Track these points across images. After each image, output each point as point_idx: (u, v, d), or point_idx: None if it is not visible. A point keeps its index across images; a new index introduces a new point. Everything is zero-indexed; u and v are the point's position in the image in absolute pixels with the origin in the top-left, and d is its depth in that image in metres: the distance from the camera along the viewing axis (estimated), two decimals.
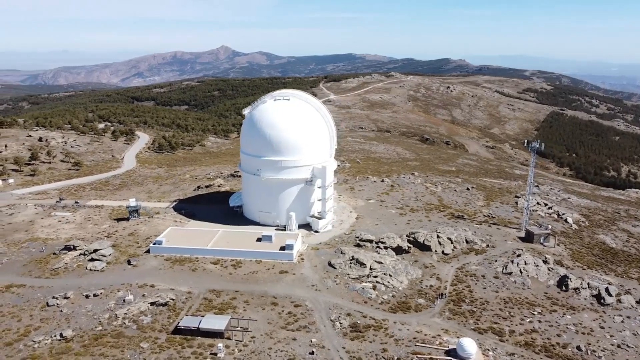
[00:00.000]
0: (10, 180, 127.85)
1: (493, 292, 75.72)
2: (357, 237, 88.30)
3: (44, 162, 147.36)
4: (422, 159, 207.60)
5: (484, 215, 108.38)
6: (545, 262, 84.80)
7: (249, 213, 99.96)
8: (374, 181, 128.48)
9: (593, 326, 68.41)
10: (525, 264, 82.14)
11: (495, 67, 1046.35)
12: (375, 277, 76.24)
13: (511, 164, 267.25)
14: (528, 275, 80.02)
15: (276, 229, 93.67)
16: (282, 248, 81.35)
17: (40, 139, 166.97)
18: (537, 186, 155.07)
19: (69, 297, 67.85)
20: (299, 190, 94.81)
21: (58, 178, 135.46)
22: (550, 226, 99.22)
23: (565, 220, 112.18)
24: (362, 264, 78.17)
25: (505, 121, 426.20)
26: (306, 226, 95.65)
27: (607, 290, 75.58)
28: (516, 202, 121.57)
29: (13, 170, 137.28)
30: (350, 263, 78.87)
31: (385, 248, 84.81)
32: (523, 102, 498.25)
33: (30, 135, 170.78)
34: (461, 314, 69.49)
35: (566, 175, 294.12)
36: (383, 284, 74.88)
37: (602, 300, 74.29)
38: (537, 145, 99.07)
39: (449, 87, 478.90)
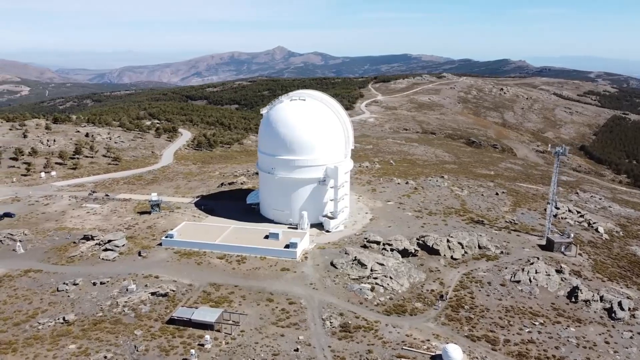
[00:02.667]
0: (53, 173, 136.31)
1: (496, 299, 73.64)
2: (365, 239, 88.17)
3: (87, 157, 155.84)
4: (461, 162, 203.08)
5: (506, 221, 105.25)
6: (559, 271, 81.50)
7: (265, 211, 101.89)
8: (398, 183, 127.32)
9: (597, 340, 65.23)
10: (536, 272, 79.24)
11: (558, 68, 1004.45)
12: (375, 278, 75.97)
13: (560, 169, 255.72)
14: (537, 285, 77.17)
15: (289, 227, 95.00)
16: (287, 246, 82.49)
17: (87, 135, 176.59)
18: (577, 193, 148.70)
19: (77, 284, 71.98)
20: (311, 190, 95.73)
21: (97, 172, 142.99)
22: (572, 235, 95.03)
23: (596, 230, 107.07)
24: (363, 265, 78.09)
25: (561, 125, 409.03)
26: (320, 225, 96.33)
27: (619, 304, 71.75)
28: (545, 209, 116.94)
29: (57, 163, 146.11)
30: (352, 263, 78.97)
31: (392, 250, 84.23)
32: (582, 105, 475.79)
33: (78, 131, 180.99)
34: (457, 320, 68.11)
35: (622, 182, 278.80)
36: (382, 285, 74.53)
37: (613, 315, 70.64)
38: (562, 150, 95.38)
39: (502, 89, 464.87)
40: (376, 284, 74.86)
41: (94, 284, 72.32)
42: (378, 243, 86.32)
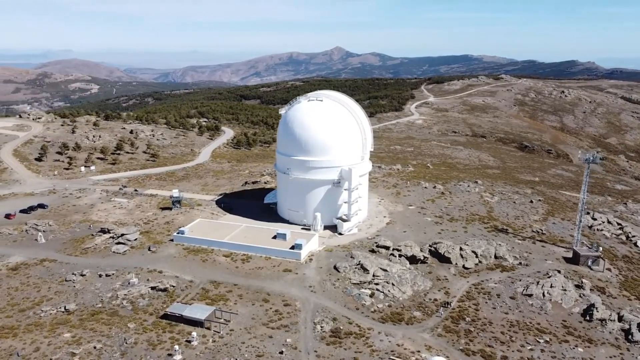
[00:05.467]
0: (92, 167, 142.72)
1: (502, 313, 69.89)
2: (375, 243, 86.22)
3: (127, 153, 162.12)
4: (505, 167, 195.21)
5: (533, 231, 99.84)
6: (579, 286, 76.40)
7: (281, 211, 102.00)
8: (425, 187, 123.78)
9: None
10: (551, 286, 74.55)
11: (631, 70, 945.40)
12: (377, 284, 74.11)
13: (617, 178, 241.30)
14: (550, 300, 72.58)
15: (302, 228, 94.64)
16: (293, 247, 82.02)
17: (131, 132, 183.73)
18: (626, 204, 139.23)
19: (84, 275, 74.76)
20: (326, 191, 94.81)
21: (134, 167, 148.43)
22: (601, 248, 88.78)
23: (635, 244, 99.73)
24: (365, 270, 76.41)
25: (626, 130, 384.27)
26: (334, 227, 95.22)
27: (639, 325, 66.15)
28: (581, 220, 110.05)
29: (99, 158, 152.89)
30: (355, 268, 77.41)
31: (400, 256, 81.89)
32: None
33: (124, 128, 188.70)
34: (455, 332, 65.14)
35: None
36: (383, 292, 72.56)
37: (630, 337, 65.26)
38: (592, 157, 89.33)
39: (563, 92, 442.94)
40: (377, 290, 73.00)
41: (100, 275, 74.88)
42: (387, 248, 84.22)
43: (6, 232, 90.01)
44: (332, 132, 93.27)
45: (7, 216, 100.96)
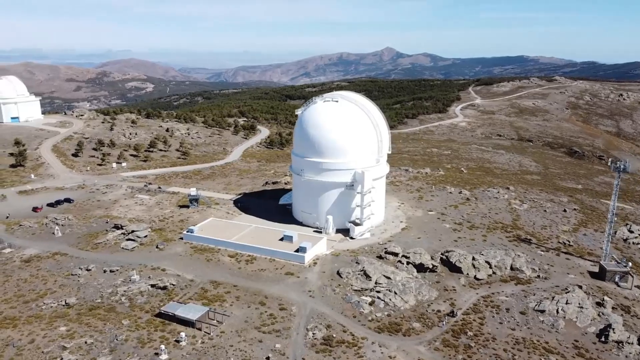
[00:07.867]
0: (124, 164, 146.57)
1: (508, 328, 65.77)
2: (384, 249, 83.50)
3: (160, 150, 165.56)
4: (547, 174, 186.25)
5: (559, 242, 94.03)
6: (600, 304, 71.02)
7: (295, 213, 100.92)
8: (450, 192, 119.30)
9: None
10: (567, 303, 69.60)
11: None
12: (379, 292, 71.57)
13: None
14: (564, 317, 67.72)
15: (314, 231, 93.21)
16: (297, 250, 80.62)
17: (167, 130, 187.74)
18: None
19: (90, 270, 76.17)
20: (339, 194, 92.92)
21: (164, 165, 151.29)
22: (630, 263, 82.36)
23: None
24: (368, 277, 73.97)
25: None
26: (346, 231, 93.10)
27: None
28: (615, 232, 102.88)
29: (132, 155, 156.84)
30: (358, 274, 75.11)
31: (407, 263, 78.86)
32: None
33: (161, 126, 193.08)
34: (454, 346, 61.78)
35: None
36: (383, 300, 69.99)
37: None
38: (622, 165, 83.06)
39: (621, 95, 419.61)
40: (377, 297, 70.50)
41: (104, 271, 76.09)
42: (395, 255, 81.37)
43: (27, 225, 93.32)
44: (346, 133, 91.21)
45: (35, 209, 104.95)
